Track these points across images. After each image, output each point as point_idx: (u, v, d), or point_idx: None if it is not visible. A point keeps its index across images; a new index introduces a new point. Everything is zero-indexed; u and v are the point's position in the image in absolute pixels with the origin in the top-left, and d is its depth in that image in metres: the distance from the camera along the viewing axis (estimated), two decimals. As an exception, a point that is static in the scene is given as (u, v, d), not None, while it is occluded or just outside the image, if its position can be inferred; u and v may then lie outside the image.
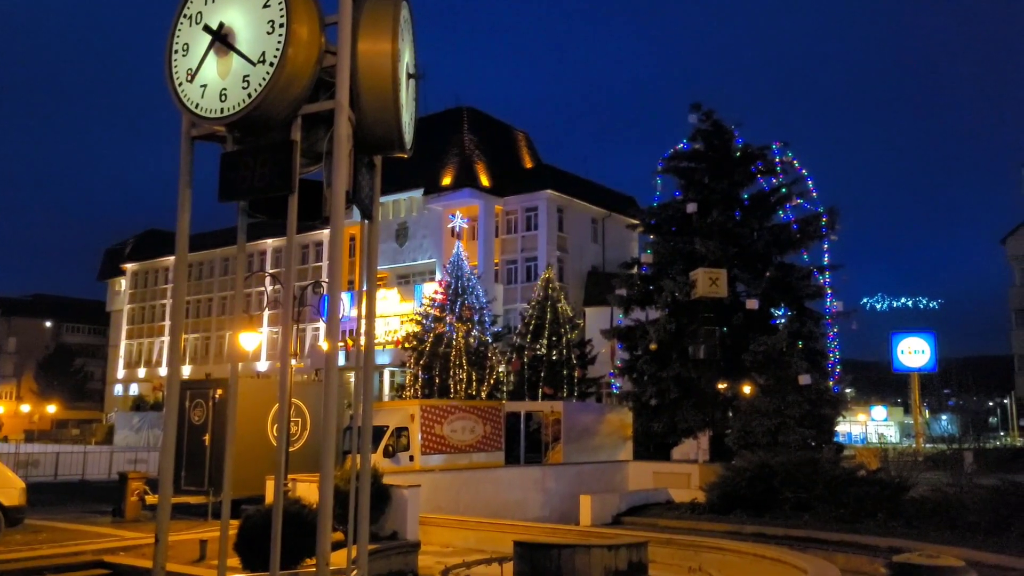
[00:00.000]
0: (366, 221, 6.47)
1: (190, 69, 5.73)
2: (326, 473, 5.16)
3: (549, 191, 53.94)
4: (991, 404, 74.98)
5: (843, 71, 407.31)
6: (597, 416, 29.36)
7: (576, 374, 36.62)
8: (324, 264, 60.00)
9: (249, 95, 5.46)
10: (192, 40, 5.76)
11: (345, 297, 41.43)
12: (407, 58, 6.21)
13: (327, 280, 6.55)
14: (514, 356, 36.83)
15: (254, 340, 19.39)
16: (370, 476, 6.43)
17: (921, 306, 59.53)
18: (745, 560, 13.43)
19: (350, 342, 40.46)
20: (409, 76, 6.28)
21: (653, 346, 27.68)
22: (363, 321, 6.40)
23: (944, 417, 71.27)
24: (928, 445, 50.59)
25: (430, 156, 54.97)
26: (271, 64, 5.42)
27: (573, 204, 55.58)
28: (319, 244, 62.66)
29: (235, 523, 11.29)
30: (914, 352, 52.14)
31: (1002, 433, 73.34)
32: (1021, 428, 68.68)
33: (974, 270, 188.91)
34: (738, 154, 29.18)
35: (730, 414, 26.27)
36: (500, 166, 57.48)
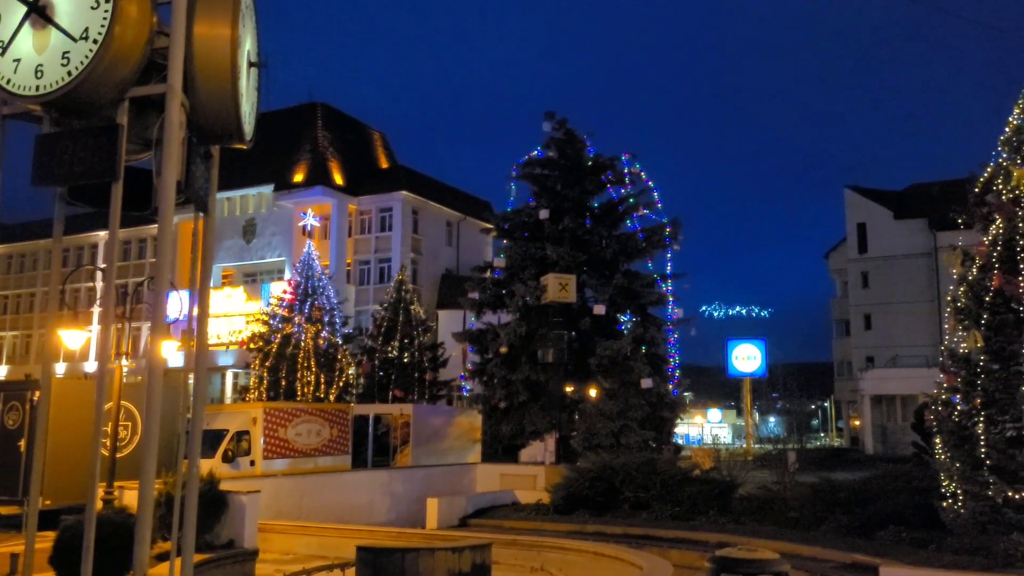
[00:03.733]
0: (201, 214, 6.16)
1: (1, 41, 5.25)
2: (146, 479, 4.86)
3: (404, 192, 53.57)
4: (813, 407, 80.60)
5: (688, 88, 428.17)
6: (447, 419, 29.37)
7: (427, 377, 36.50)
8: (164, 260, 56.98)
9: (69, 73, 5.06)
10: (5, 9, 5.28)
11: (186, 295, 39.52)
12: (248, 45, 5.95)
13: (154, 276, 6.19)
14: (364, 358, 36.32)
15: (80, 338, 18.10)
16: (198, 481, 6.12)
17: (753, 315, 63.29)
18: (585, 558, 13.78)
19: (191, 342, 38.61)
20: (251, 64, 6.03)
21: (503, 349, 28.06)
22: (195, 321, 6.09)
23: (772, 419, 76.02)
24: (757, 445, 53.86)
25: (281, 152, 53.33)
26: (95, 42, 5.04)
27: (428, 206, 55.44)
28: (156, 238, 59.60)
29: (54, 535, 10.48)
30: (747, 358, 55.23)
31: (822, 434, 79.05)
32: (839, 429, 74.23)
33: (801, 282, 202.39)
34: (589, 163, 30.06)
35: (576, 416, 26.95)
36: (355, 165, 56.55)
